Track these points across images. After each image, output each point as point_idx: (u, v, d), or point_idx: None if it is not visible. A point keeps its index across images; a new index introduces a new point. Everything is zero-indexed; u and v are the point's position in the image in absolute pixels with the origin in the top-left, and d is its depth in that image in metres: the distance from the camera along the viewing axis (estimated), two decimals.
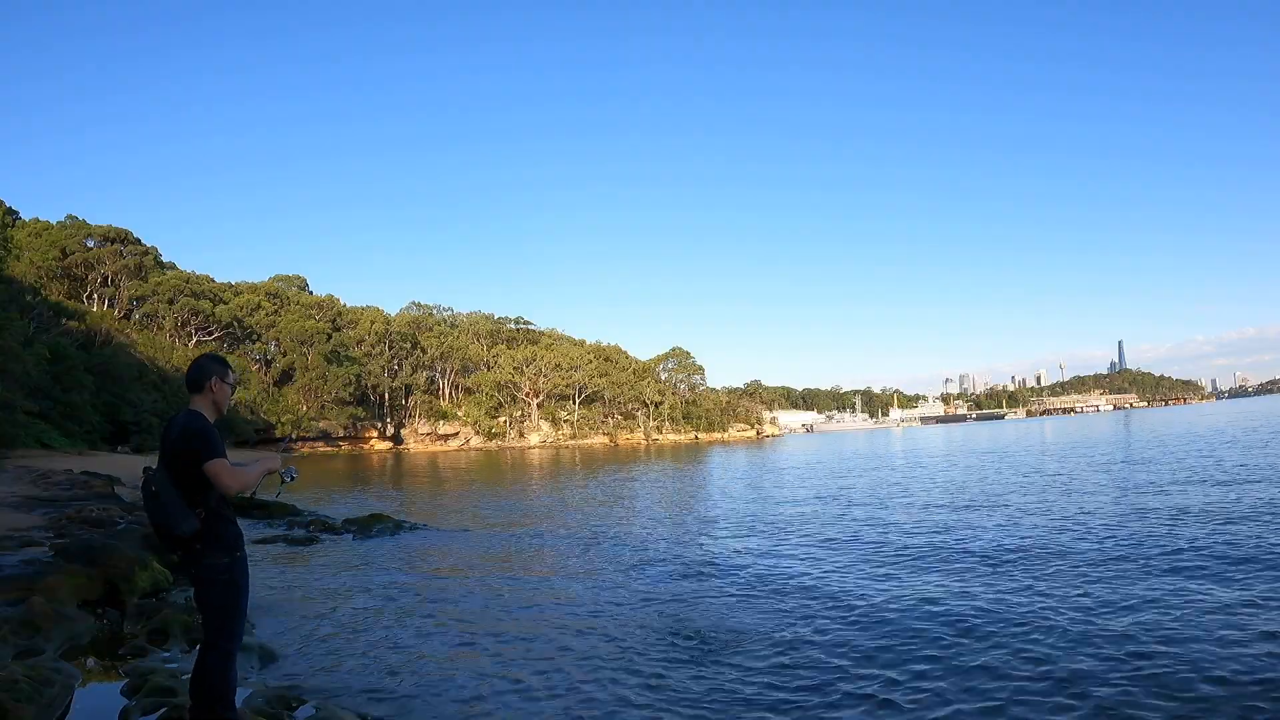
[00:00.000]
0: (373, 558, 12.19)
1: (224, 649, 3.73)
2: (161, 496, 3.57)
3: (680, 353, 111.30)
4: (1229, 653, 5.92)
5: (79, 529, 11.08)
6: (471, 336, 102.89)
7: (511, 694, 5.64)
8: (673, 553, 12.26)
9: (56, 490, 18.25)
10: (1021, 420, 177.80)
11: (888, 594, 8.63)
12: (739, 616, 7.91)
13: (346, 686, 5.71)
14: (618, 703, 5.48)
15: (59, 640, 5.77)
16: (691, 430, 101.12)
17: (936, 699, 5.36)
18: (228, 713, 3.72)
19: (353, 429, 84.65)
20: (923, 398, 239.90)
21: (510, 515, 19.36)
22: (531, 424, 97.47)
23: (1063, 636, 6.61)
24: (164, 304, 74.48)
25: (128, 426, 49.82)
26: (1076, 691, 5.34)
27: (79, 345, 52.56)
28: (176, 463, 3.64)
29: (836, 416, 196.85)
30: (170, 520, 3.56)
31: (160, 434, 3.86)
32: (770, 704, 5.42)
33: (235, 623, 3.79)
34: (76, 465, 28.14)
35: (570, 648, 6.85)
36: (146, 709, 4.44)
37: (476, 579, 10.34)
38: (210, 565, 3.68)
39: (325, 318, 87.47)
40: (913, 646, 6.58)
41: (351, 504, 22.69)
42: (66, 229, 71.89)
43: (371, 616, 8.09)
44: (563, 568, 11.26)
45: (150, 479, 3.65)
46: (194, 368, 3.93)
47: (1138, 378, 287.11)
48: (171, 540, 3.65)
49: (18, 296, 47.39)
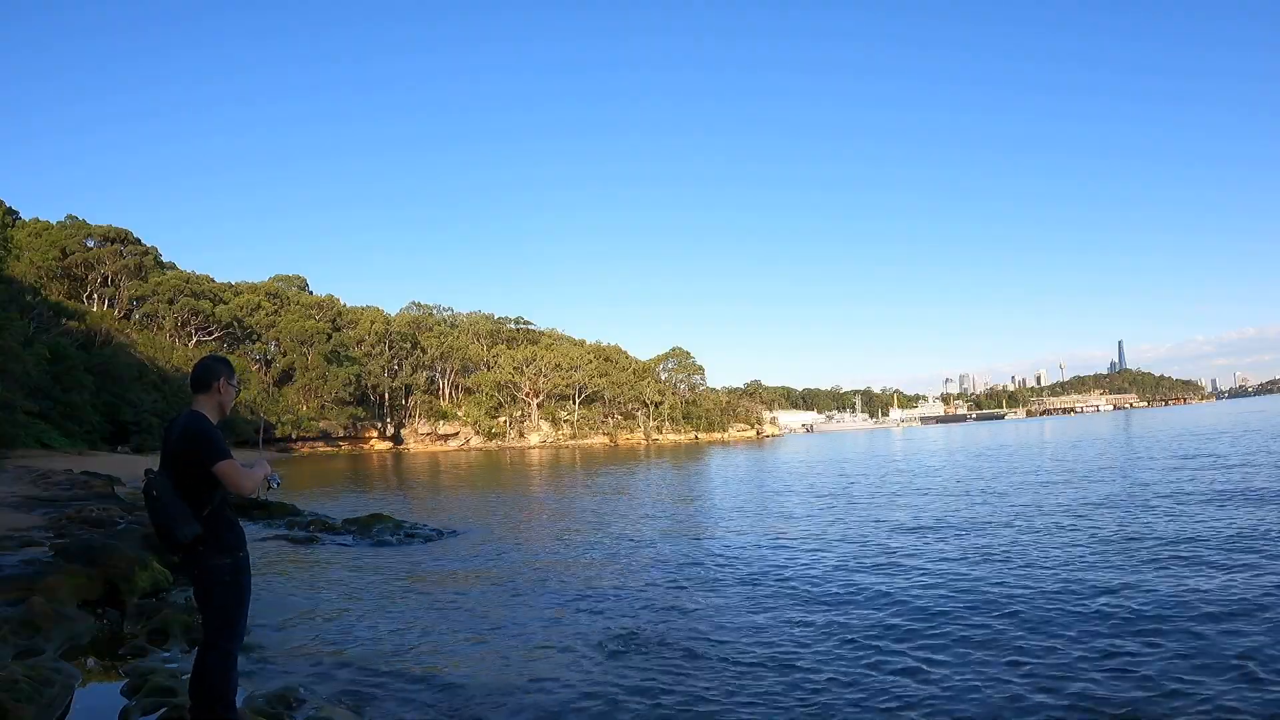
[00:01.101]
0: (373, 558, 12.19)
1: (225, 649, 3.72)
2: (163, 500, 3.54)
3: (680, 353, 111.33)
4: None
5: (79, 529, 11.07)
6: (471, 336, 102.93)
7: (513, 693, 5.64)
8: (673, 552, 12.26)
9: (56, 490, 18.25)
10: (1021, 420, 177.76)
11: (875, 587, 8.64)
12: (738, 616, 7.92)
13: (346, 686, 5.70)
14: (618, 704, 5.48)
15: (59, 640, 5.76)
16: (691, 430, 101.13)
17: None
18: (228, 713, 3.71)
19: (353, 429, 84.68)
20: (923, 398, 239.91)
21: (510, 515, 19.36)
22: (531, 424, 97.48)
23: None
24: (164, 304, 74.51)
25: (128, 426, 49.85)
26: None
27: (79, 345, 52.59)
28: (178, 464, 3.61)
29: (836, 416, 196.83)
30: (172, 524, 3.53)
31: (161, 435, 3.84)
32: (770, 703, 5.42)
33: (237, 623, 3.78)
34: (76, 465, 28.17)
35: (571, 647, 6.84)
36: (146, 709, 4.44)
37: (477, 579, 10.34)
38: (213, 566, 3.66)
39: (325, 318, 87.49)
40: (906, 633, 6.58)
41: (351, 504, 22.68)
42: (66, 229, 71.93)
43: (371, 617, 8.08)
44: (563, 567, 11.24)
45: (151, 482, 3.62)
46: (201, 368, 3.89)
47: (1138, 378, 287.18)
48: (174, 544, 3.61)
49: (18, 296, 47.42)
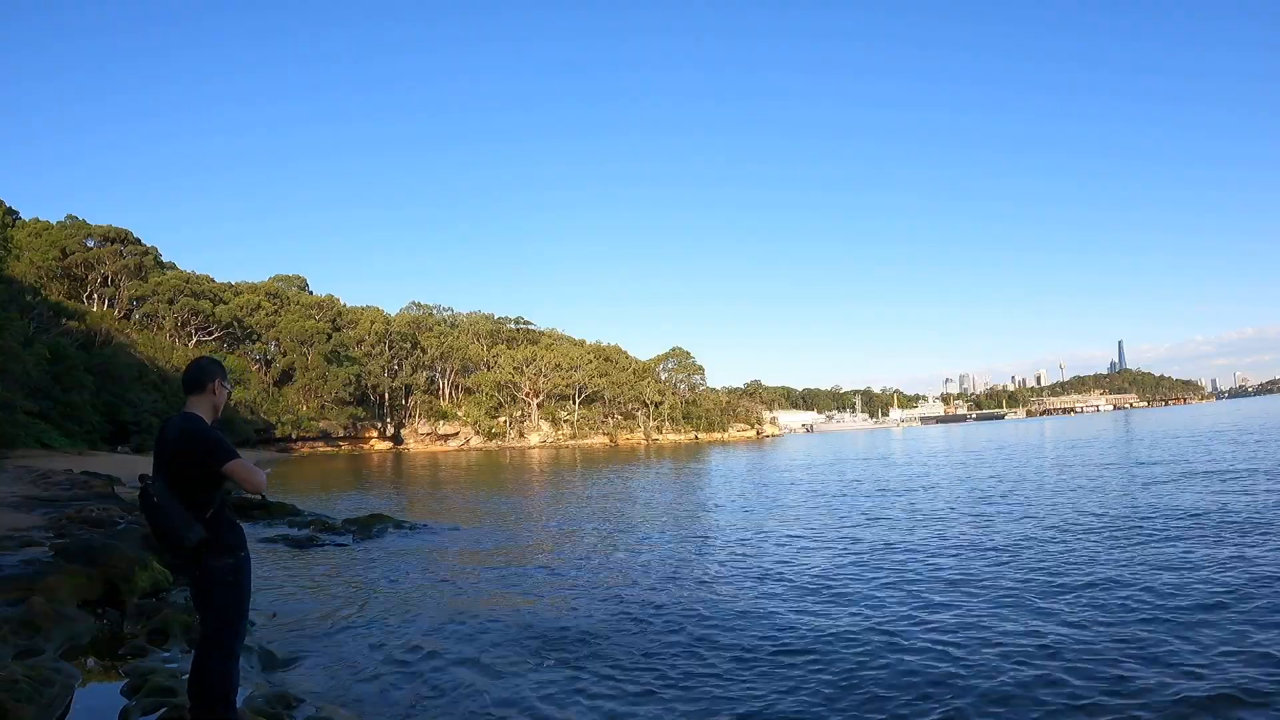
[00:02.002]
0: (373, 558, 12.19)
1: (227, 648, 3.71)
2: (164, 505, 3.50)
3: (680, 353, 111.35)
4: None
5: (79, 529, 11.06)
6: (471, 336, 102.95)
7: (513, 692, 5.64)
8: (672, 552, 12.26)
9: (56, 490, 18.24)
10: (1021, 420, 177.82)
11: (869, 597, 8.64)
12: (738, 610, 7.92)
13: (346, 686, 5.71)
14: (621, 701, 5.48)
15: (59, 640, 5.76)
16: (691, 430, 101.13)
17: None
18: (229, 713, 3.70)
19: (353, 429, 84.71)
20: (923, 398, 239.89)
21: (510, 514, 19.36)
22: (531, 424, 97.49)
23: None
24: (164, 304, 74.54)
25: (128, 426, 49.83)
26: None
27: (79, 345, 52.56)
28: (174, 467, 3.58)
29: (836, 416, 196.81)
30: (177, 529, 3.49)
31: (159, 438, 3.76)
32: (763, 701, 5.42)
33: (238, 623, 3.77)
34: (76, 465, 28.15)
35: (571, 648, 6.85)
36: (146, 709, 4.44)
37: (477, 579, 10.34)
38: (214, 567, 3.64)
39: (325, 318, 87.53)
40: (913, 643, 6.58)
41: (351, 504, 22.68)
42: (66, 229, 71.94)
43: (371, 616, 8.08)
44: (564, 567, 11.24)
45: (148, 489, 3.58)
46: (195, 369, 3.87)
47: (1138, 378, 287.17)
48: (178, 548, 3.57)
49: (18, 296, 47.39)
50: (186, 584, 4.28)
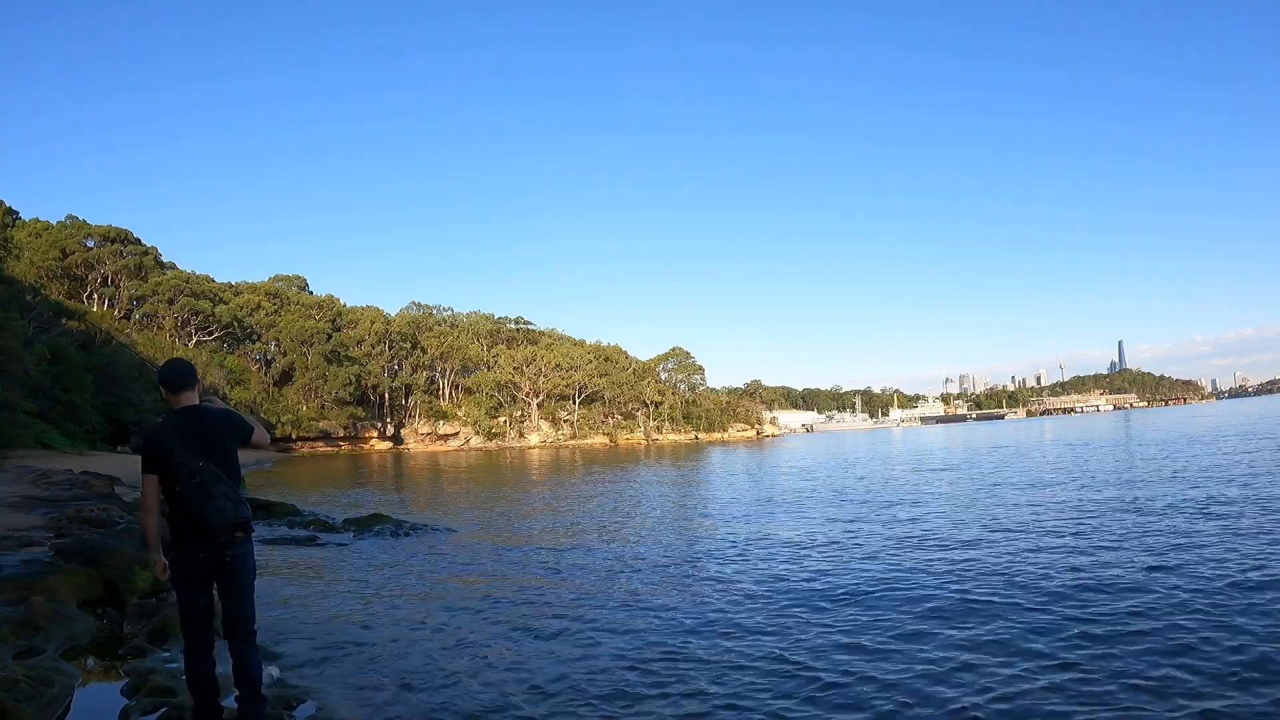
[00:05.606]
0: (372, 557, 12.18)
1: (254, 635, 3.89)
2: (229, 492, 3.63)
3: (680, 353, 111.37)
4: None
5: (79, 529, 11.06)
6: (471, 336, 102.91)
7: (513, 693, 5.64)
8: (673, 552, 12.25)
9: (56, 490, 18.24)
10: (1021, 420, 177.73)
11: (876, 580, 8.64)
12: (739, 611, 7.91)
13: (346, 686, 5.70)
14: (622, 702, 5.48)
15: (59, 640, 5.77)
16: (691, 430, 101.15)
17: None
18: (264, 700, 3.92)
19: (353, 429, 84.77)
20: (923, 398, 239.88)
21: (510, 515, 19.36)
22: (531, 424, 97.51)
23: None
24: (164, 304, 74.59)
25: (128, 426, 49.80)
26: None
27: (79, 345, 52.53)
28: (222, 450, 3.70)
29: (836, 417, 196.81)
30: (242, 509, 3.67)
31: (181, 430, 3.68)
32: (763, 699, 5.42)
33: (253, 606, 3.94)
34: (76, 465, 28.13)
35: (571, 649, 6.85)
36: (146, 709, 4.44)
37: (477, 578, 10.34)
38: (244, 554, 3.80)
39: (325, 318, 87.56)
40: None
41: (351, 504, 22.69)
42: (66, 229, 71.97)
43: (370, 616, 8.08)
44: (564, 567, 11.25)
45: (205, 479, 3.58)
46: (184, 367, 3.93)
47: (1138, 378, 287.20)
48: (236, 528, 3.67)
49: (18, 296, 47.39)
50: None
